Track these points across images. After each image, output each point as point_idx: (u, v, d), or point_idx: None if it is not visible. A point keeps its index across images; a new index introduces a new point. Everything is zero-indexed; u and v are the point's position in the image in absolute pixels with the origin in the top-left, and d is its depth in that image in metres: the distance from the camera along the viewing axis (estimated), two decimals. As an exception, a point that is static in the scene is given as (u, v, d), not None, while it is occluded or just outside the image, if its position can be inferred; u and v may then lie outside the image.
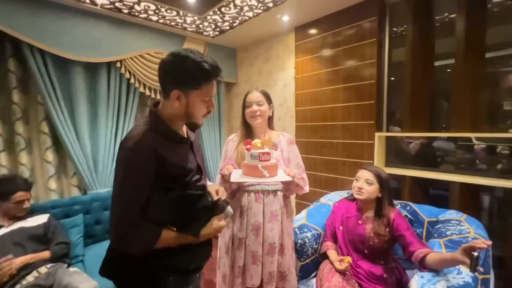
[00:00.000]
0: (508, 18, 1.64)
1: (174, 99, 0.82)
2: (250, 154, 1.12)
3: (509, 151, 1.70)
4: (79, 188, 2.33)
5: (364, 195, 1.41)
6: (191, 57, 0.79)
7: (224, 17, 2.31)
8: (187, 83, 0.81)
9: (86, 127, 2.22)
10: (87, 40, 2.11)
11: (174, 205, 0.83)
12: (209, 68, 0.81)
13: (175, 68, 0.80)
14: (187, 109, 0.84)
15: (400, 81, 2.10)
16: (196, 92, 0.82)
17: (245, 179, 1.13)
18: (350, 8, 2.13)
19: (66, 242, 1.73)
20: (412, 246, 1.26)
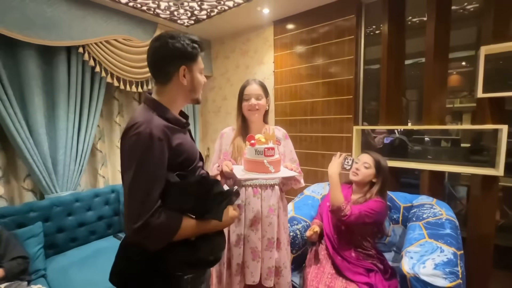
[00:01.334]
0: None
1: (181, 77, 0.84)
2: (255, 149, 1.08)
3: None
4: (33, 192, 2.01)
5: (359, 177, 1.45)
6: (181, 35, 0.83)
7: (203, 5, 2.19)
8: (188, 58, 0.84)
9: (41, 121, 1.91)
10: (41, 19, 1.80)
11: (191, 191, 0.79)
12: (198, 40, 0.87)
13: (176, 48, 0.81)
14: (193, 83, 0.87)
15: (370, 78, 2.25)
16: (195, 64, 0.87)
17: (251, 175, 1.08)
18: (329, 5, 2.19)
19: (23, 256, 1.48)
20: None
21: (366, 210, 1.33)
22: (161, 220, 0.71)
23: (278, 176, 1.12)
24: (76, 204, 1.99)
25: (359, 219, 1.32)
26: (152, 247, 0.73)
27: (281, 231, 1.31)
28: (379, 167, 1.43)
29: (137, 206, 0.70)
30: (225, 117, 3.08)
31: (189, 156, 0.85)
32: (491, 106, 1.60)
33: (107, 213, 2.16)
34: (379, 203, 1.37)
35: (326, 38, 2.25)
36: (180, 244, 0.77)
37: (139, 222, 0.69)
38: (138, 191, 0.71)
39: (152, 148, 0.72)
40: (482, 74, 1.56)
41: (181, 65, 0.82)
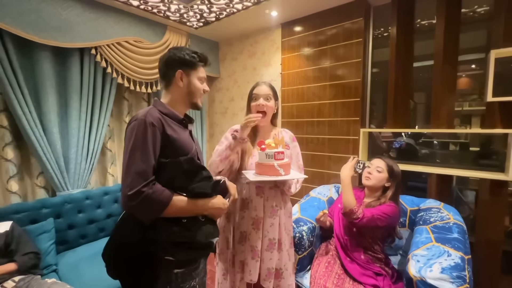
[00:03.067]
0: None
1: (178, 79, 0.99)
2: (266, 153, 1.14)
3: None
4: (46, 189, 2.06)
5: (371, 181, 1.44)
6: (185, 49, 1.02)
7: (212, 8, 2.22)
8: (186, 65, 0.99)
9: (55, 120, 1.96)
10: (56, 21, 1.86)
11: (181, 168, 0.89)
12: (201, 55, 1.02)
13: (175, 56, 0.99)
14: (189, 87, 1.00)
15: (378, 81, 2.25)
16: (193, 72, 1.01)
17: (263, 178, 1.12)
18: (337, 8, 2.20)
19: (35, 251, 1.53)
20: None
21: (379, 214, 1.34)
22: (154, 191, 0.81)
23: (288, 178, 1.16)
24: (86, 201, 2.04)
25: (371, 222, 1.32)
26: (144, 216, 0.83)
27: (282, 232, 1.32)
28: (392, 172, 1.43)
29: (132, 177, 0.80)
30: (232, 118, 3.11)
31: (183, 149, 0.94)
32: (501, 110, 1.59)
33: (116, 211, 2.21)
34: (392, 207, 1.38)
35: (333, 41, 2.25)
36: (172, 224, 0.86)
37: (133, 190, 0.78)
38: (133, 164, 0.82)
39: (145, 130, 0.84)
40: (492, 78, 1.54)
41: (178, 69, 0.98)
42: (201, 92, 1.04)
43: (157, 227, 0.84)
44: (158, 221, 0.84)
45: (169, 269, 0.89)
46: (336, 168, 2.32)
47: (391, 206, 1.38)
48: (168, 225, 0.85)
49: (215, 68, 3.16)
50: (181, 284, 0.91)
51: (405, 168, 1.96)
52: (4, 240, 1.45)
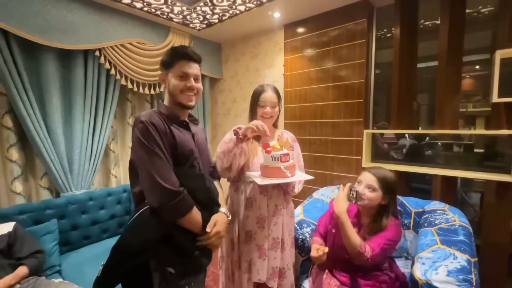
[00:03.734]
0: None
1: (161, 81, 1.02)
2: (271, 156, 1.14)
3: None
4: (50, 190, 2.08)
5: (364, 202, 1.22)
6: (171, 47, 1.01)
7: (215, 9, 2.23)
8: (164, 65, 1.00)
9: (59, 121, 1.98)
10: (61, 24, 1.88)
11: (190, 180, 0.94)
12: (178, 49, 0.99)
13: (161, 58, 1.01)
14: (169, 87, 0.99)
15: (382, 82, 2.24)
16: (172, 70, 0.98)
17: (271, 181, 1.12)
18: (340, 9, 2.20)
19: (39, 250, 1.53)
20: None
21: (386, 243, 1.17)
22: (184, 195, 0.89)
23: (295, 179, 1.18)
24: (89, 202, 2.05)
25: (381, 256, 1.17)
26: (174, 216, 0.88)
27: (285, 232, 1.33)
28: (386, 186, 1.21)
29: (160, 182, 0.85)
30: (235, 119, 3.11)
31: (186, 148, 0.97)
32: (506, 111, 1.57)
33: (119, 212, 2.21)
34: (396, 227, 1.21)
35: (336, 42, 2.25)
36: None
37: (176, 188, 0.87)
38: (156, 171, 0.86)
39: (154, 133, 0.88)
40: (497, 79, 1.53)
41: (161, 72, 1.02)
42: (179, 89, 0.97)
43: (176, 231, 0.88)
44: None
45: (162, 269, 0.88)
46: (339, 169, 2.31)
47: (395, 226, 1.21)
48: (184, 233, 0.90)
49: (217, 69, 3.16)
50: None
51: (409, 170, 1.95)
52: (7, 241, 1.45)
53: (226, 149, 1.18)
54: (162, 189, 0.84)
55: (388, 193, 1.22)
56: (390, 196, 1.22)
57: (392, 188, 1.22)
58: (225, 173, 1.25)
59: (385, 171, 1.25)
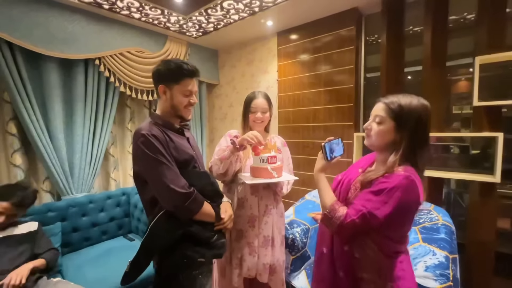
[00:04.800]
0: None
1: (161, 93, 1.04)
2: (260, 158, 1.23)
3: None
4: (52, 194, 2.16)
5: (371, 139, 0.89)
6: (173, 61, 1.03)
7: (210, 19, 2.33)
8: (169, 79, 1.02)
9: (61, 127, 2.07)
10: (63, 34, 1.97)
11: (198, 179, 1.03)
12: (186, 67, 1.02)
13: (162, 69, 1.02)
14: (172, 101, 1.03)
15: (375, 86, 2.31)
16: (177, 86, 1.02)
17: (258, 180, 1.21)
18: (330, 17, 2.28)
19: (55, 248, 1.62)
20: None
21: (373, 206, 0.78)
22: (195, 194, 0.97)
23: (281, 180, 1.26)
24: (90, 205, 2.13)
25: (361, 226, 0.79)
26: (190, 214, 0.97)
27: (275, 230, 1.40)
28: (400, 114, 0.83)
29: (173, 187, 0.92)
30: (231, 123, 3.19)
31: (186, 155, 1.03)
32: (487, 114, 1.64)
33: (118, 214, 2.29)
34: (401, 179, 0.77)
35: (327, 48, 2.33)
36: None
37: (187, 190, 0.95)
38: (167, 178, 0.93)
39: (155, 144, 0.94)
40: (477, 83, 1.60)
41: (160, 84, 1.02)
42: (184, 105, 1.05)
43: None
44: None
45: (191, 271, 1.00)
46: (331, 171, 2.37)
47: (398, 177, 0.77)
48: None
49: (214, 75, 3.25)
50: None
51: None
52: (34, 239, 1.54)
53: (223, 156, 1.25)
54: (176, 193, 0.93)
55: (403, 126, 0.83)
56: (405, 130, 0.83)
57: (410, 119, 0.82)
58: (220, 177, 1.34)
59: (404, 97, 0.85)
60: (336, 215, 0.83)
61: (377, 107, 0.89)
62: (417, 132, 0.82)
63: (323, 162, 0.95)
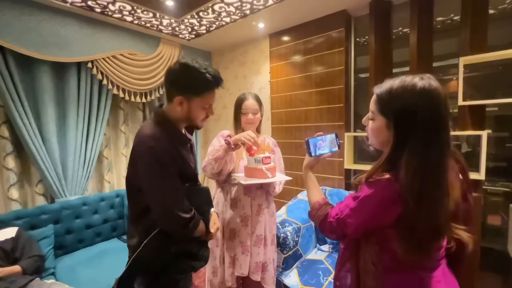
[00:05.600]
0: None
1: (176, 104, 0.91)
2: (254, 158, 1.25)
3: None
4: (45, 196, 2.16)
5: (370, 140, 0.77)
6: (197, 68, 0.88)
7: (202, 21, 2.35)
8: (190, 91, 0.90)
9: (53, 130, 2.07)
10: (55, 38, 1.99)
11: (198, 196, 1.00)
12: (211, 79, 0.90)
13: (181, 76, 0.90)
14: (189, 114, 0.94)
15: (363, 86, 2.35)
16: (198, 100, 0.92)
17: (253, 180, 1.23)
18: (320, 19, 2.32)
19: (39, 255, 1.62)
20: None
21: (345, 212, 0.72)
22: (194, 216, 0.95)
23: (275, 180, 1.28)
24: (83, 207, 2.14)
25: (339, 230, 0.75)
26: (189, 234, 0.95)
27: (267, 229, 1.43)
28: (388, 101, 0.66)
29: (175, 209, 0.88)
30: (225, 124, 3.21)
31: (191, 169, 1.00)
32: (471, 113, 1.68)
33: (112, 216, 2.30)
34: (376, 188, 0.65)
35: (318, 50, 2.37)
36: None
37: (188, 214, 0.91)
38: (169, 197, 0.89)
39: (165, 160, 0.87)
40: (461, 83, 1.64)
41: (179, 94, 0.90)
42: (201, 119, 0.97)
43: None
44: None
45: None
46: (323, 171, 2.41)
47: (377, 184, 0.65)
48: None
49: (208, 77, 3.27)
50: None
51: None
52: (11, 246, 1.54)
53: (217, 156, 1.27)
54: (177, 217, 0.88)
55: (396, 124, 0.65)
56: (400, 125, 0.64)
57: (397, 111, 0.64)
58: (214, 177, 1.36)
59: (402, 78, 0.66)
60: (318, 213, 0.82)
61: (371, 100, 0.73)
62: (411, 129, 0.62)
63: (309, 159, 0.91)
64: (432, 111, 0.61)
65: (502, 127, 1.84)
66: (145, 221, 0.93)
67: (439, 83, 0.63)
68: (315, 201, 0.85)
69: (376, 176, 0.66)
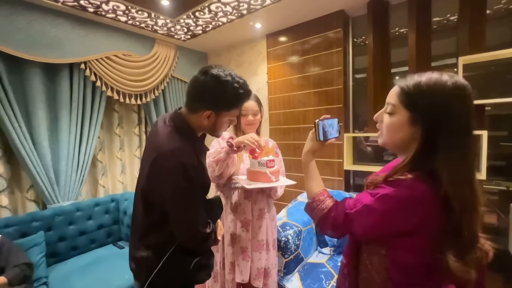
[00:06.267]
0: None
1: (204, 117, 0.87)
2: (258, 161, 1.21)
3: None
4: (36, 203, 2.08)
5: (381, 136, 0.70)
6: (230, 83, 0.84)
7: (198, 22, 2.31)
8: (221, 107, 0.88)
9: (45, 133, 2.00)
10: (46, 39, 1.92)
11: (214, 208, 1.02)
12: (243, 94, 0.89)
13: (213, 91, 0.84)
14: (214, 126, 0.91)
15: (361, 87, 2.33)
16: (226, 113, 0.90)
17: (258, 185, 1.19)
18: (317, 19, 2.30)
19: (26, 262, 1.54)
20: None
21: (356, 208, 0.65)
22: (212, 232, 0.93)
23: (279, 184, 1.25)
24: (77, 213, 2.07)
25: (348, 225, 0.66)
26: (206, 249, 0.97)
27: (269, 234, 1.39)
28: (415, 99, 0.61)
29: (197, 226, 0.87)
30: (222, 126, 3.17)
31: (207, 179, 0.99)
32: (471, 113, 1.67)
33: (107, 221, 2.23)
34: (399, 188, 0.59)
35: (316, 50, 2.35)
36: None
37: (206, 230, 0.90)
38: (193, 213, 0.87)
39: (193, 176, 0.83)
40: (461, 83, 1.63)
41: (208, 109, 0.85)
42: (224, 129, 0.97)
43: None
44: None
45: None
46: (322, 172, 2.38)
47: (400, 184, 0.59)
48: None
49: (204, 78, 3.23)
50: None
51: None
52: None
53: (219, 158, 1.23)
54: (199, 234, 0.88)
55: (424, 119, 0.59)
56: (423, 120, 0.59)
57: (429, 106, 0.59)
58: (214, 180, 1.31)
59: (429, 74, 0.61)
60: (320, 206, 0.72)
61: (391, 92, 0.67)
62: (441, 129, 0.57)
63: (313, 143, 0.82)
64: (466, 110, 0.58)
65: (495, 126, 1.85)
66: (156, 235, 0.88)
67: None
68: (317, 192, 0.75)
69: (397, 175, 0.60)
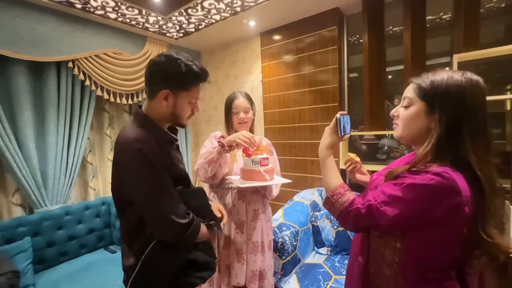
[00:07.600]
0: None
1: (161, 98, 0.83)
2: (252, 160, 1.17)
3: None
4: (23, 207, 2.00)
5: (398, 128, 0.73)
6: (183, 60, 0.83)
7: (190, 19, 2.26)
8: (177, 84, 0.84)
9: (31, 135, 1.92)
10: (31, 36, 1.84)
11: (195, 197, 0.92)
12: (198, 71, 0.85)
13: (166, 68, 0.82)
14: (174, 109, 0.86)
15: (356, 86, 2.33)
16: (184, 93, 0.85)
17: (251, 183, 1.14)
18: (312, 17, 2.28)
19: (13, 271, 1.47)
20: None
21: (379, 199, 0.65)
22: (194, 217, 0.86)
23: (274, 183, 1.21)
24: (66, 217, 1.99)
25: (372, 218, 0.64)
26: (190, 242, 0.86)
27: (264, 236, 1.36)
28: (433, 91, 0.65)
29: (170, 215, 0.79)
30: (216, 126, 3.12)
31: (181, 170, 0.91)
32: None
33: (97, 225, 2.15)
34: (427, 177, 0.59)
35: (310, 48, 2.33)
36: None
37: (186, 219, 0.82)
38: (163, 203, 0.80)
39: (152, 162, 0.78)
40: (456, 81, 1.63)
41: (164, 88, 0.82)
42: (188, 114, 0.90)
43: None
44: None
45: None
46: (318, 172, 2.36)
47: (427, 173, 0.60)
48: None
49: (197, 77, 3.17)
50: None
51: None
52: None
53: (211, 159, 1.18)
54: (176, 225, 0.80)
55: (437, 106, 0.63)
56: (441, 112, 0.63)
57: (447, 97, 0.63)
58: (208, 181, 1.27)
59: (442, 72, 0.66)
60: (340, 199, 0.71)
61: (407, 89, 0.72)
62: (461, 116, 0.61)
63: (333, 138, 0.80)
64: (482, 99, 0.64)
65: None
66: (140, 237, 0.83)
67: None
68: (337, 185, 0.75)
69: (421, 165, 0.63)
